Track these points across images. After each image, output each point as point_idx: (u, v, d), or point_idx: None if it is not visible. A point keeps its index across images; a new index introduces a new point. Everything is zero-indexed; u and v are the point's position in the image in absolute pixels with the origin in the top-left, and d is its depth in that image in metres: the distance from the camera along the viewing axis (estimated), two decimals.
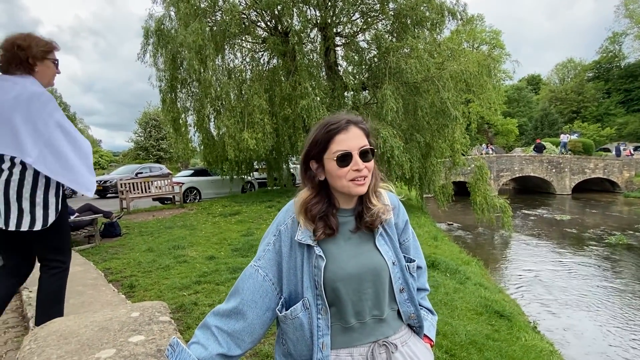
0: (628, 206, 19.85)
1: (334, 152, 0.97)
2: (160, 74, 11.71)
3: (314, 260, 0.98)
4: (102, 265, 5.11)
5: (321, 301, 0.97)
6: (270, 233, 1.05)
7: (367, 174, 0.99)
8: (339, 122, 0.99)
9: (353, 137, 0.98)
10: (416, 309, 1.07)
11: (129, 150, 39.55)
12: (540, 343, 3.70)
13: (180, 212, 10.57)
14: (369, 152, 1.00)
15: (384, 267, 1.02)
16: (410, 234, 1.16)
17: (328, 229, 0.99)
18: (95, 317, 1.47)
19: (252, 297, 0.99)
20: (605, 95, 55.80)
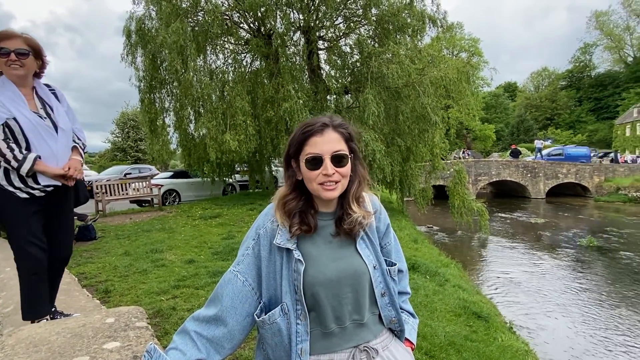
0: (598, 210, 20.67)
1: (307, 154, 0.97)
2: (140, 74, 11.49)
3: (293, 265, 0.97)
4: (75, 270, 4.93)
5: (300, 306, 0.96)
6: (250, 237, 1.04)
7: (339, 179, 0.98)
8: (314, 125, 0.99)
9: (328, 140, 0.97)
10: (397, 313, 1.07)
11: (105, 151, 38.45)
12: (516, 343, 3.80)
13: (159, 214, 10.33)
14: (343, 157, 0.98)
15: (365, 271, 1.01)
16: (391, 238, 1.16)
17: (304, 225, 0.99)
18: (67, 324, 1.42)
19: (231, 303, 0.97)
20: (577, 103, 58.13)
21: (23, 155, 1.95)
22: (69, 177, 2.09)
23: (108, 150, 37.55)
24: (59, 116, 2.14)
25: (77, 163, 2.15)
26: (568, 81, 62.16)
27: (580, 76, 61.00)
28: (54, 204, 2.18)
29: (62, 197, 2.19)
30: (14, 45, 1.98)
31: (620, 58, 56.29)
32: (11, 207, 2.05)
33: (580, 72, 61.07)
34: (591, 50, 59.88)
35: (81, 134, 2.31)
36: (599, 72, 58.86)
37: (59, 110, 2.17)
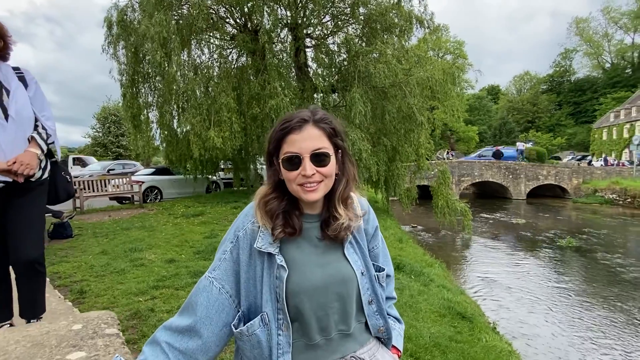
0: (576, 211, 21.24)
1: (285, 152, 0.90)
2: (122, 68, 11.16)
3: (275, 271, 0.89)
4: (49, 270, 4.71)
5: (282, 316, 0.89)
6: (227, 239, 0.95)
7: (321, 179, 0.90)
8: (292, 120, 0.91)
9: (307, 137, 0.89)
10: (385, 321, 1.01)
11: (85, 147, 37.41)
12: (500, 343, 3.81)
13: (140, 212, 10.06)
14: (325, 155, 0.90)
15: (352, 277, 0.95)
16: (379, 241, 1.10)
17: (288, 227, 0.91)
18: (30, 331, 1.30)
19: (206, 313, 0.88)
20: (557, 107, 59.75)
21: None
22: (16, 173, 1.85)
23: (88, 145, 36.56)
24: (12, 102, 1.92)
25: (27, 157, 1.91)
26: (549, 85, 63.82)
27: (560, 81, 62.70)
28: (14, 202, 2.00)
29: (24, 194, 2.01)
30: None
31: (598, 64, 58.11)
32: None
33: (561, 76, 62.78)
34: (571, 55, 61.67)
35: (49, 123, 2.09)
36: (578, 77, 60.70)
37: (16, 95, 1.94)
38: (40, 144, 2.00)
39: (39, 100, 2.08)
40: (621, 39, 56.00)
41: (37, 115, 2.05)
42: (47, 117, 2.10)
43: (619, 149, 41.15)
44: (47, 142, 2.05)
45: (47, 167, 2.14)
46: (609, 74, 54.95)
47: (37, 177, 2.05)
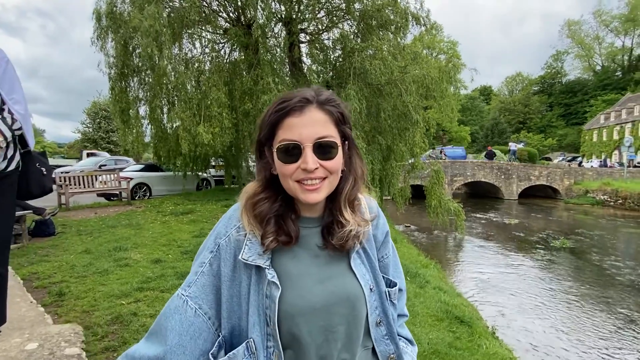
0: (567, 211, 21.37)
1: (280, 140, 0.72)
2: (111, 61, 10.83)
3: (265, 288, 0.72)
4: (27, 270, 4.48)
5: (273, 343, 0.71)
6: (206, 249, 0.77)
7: (325, 175, 0.73)
8: (290, 100, 0.72)
9: (309, 122, 0.71)
10: (397, 347, 0.84)
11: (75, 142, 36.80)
12: (501, 350, 3.66)
13: (127, 209, 9.77)
14: (331, 145, 0.72)
15: (360, 295, 0.78)
16: (390, 249, 0.92)
17: (282, 234, 0.74)
18: None
19: (178, 341, 0.70)
20: (548, 108, 60.43)
21: None
22: None
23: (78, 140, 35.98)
24: None
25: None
26: (540, 87, 64.47)
27: (551, 82, 63.37)
28: None
29: None
30: None
31: (589, 66, 58.85)
32: None
33: (552, 78, 63.44)
34: (563, 57, 62.39)
35: (17, 107, 1.85)
36: (569, 79, 61.46)
37: None
38: (3, 130, 1.77)
39: (7, 81, 1.84)
40: (612, 42, 56.87)
41: (4, 97, 1.82)
42: (15, 101, 1.86)
43: (609, 151, 41.68)
44: (12, 128, 1.81)
45: (14, 157, 1.90)
46: (600, 77, 55.68)
47: (1, 168, 1.82)
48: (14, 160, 1.89)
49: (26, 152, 1.99)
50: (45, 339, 1.15)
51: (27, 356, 1.06)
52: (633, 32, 53.51)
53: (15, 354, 1.08)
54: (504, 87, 68.98)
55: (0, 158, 1.79)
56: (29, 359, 1.05)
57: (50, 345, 1.12)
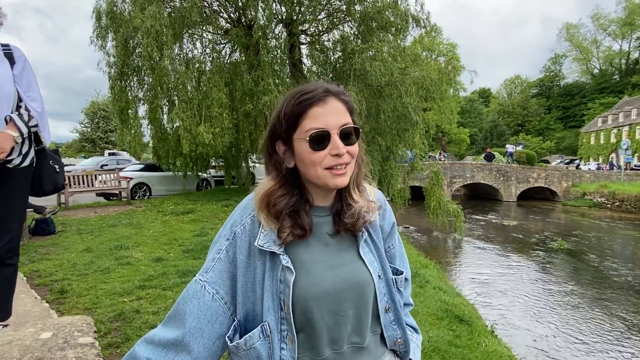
0: (565, 213, 21.46)
1: (307, 130, 0.75)
2: (111, 60, 10.83)
3: (279, 274, 0.76)
4: (28, 267, 4.49)
5: (287, 326, 0.75)
6: (223, 237, 0.80)
7: (349, 160, 0.78)
8: (314, 91, 0.76)
9: (333, 111, 0.76)
10: (404, 332, 0.88)
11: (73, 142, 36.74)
12: (499, 348, 3.70)
13: (127, 209, 9.77)
14: (353, 132, 0.78)
15: (369, 281, 0.81)
16: (396, 240, 0.96)
17: (298, 228, 0.77)
18: None
19: (197, 324, 0.73)
20: (546, 111, 60.64)
21: None
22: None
23: (76, 140, 35.93)
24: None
25: (1, 138, 1.72)
26: (539, 89, 64.74)
27: (550, 85, 63.65)
28: None
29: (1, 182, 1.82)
30: None
31: (587, 69, 59.14)
32: None
33: (551, 81, 63.73)
34: (561, 60, 62.67)
35: (34, 105, 1.89)
36: (567, 82, 61.72)
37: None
38: (20, 126, 1.80)
39: (25, 79, 1.89)
40: (609, 45, 57.15)
41: (22, 95, 1.86)
42: (32, 99, 1.90)
43: (606, 154, 41.85)
44: (28, 124, 1.84)
45: (29, 153, 1.94)
46: (597, 80, 55.97)
47: (15, 163, 1.85)
48: (28, 156, 1.92)
49: (40, 150, 2.02)
50: (58, 329, 1.17)
51: (42, 344, 1.08)
52: (630, 36, 53.85)
53: (30, 343, 1.10)
54: (503, 90, 69.26)
55: (15, 153, 1.82)
56: (44, 346, 1.07)
57: (64, 335, 1.14)
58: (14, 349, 1.07)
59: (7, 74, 1.80)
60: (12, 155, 1.80)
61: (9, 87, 1.79)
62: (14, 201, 1.87)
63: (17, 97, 1.84)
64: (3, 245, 1.77)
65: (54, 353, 1.06)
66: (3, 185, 1.82)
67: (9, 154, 1.77)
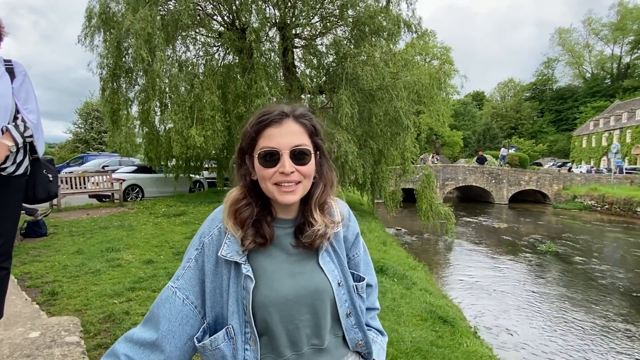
0: (556, 216, 21.72)
1: (260, 148, 0.83)
2: (102, 61, 10.84)
3: (242, 281, 0.83)
4: (19, 269, 4.53)
5: (250, 329, 0.82)
6: (193, 246, 0.88)
7: (300, 179, 0.84)
8: (270, 113, 0.84)
9: (286, 132, 0.83)
10: (364, 335, 0.95)
11: (66, 142, 36.39)
12: (481, 348, 3.81)
13: (119, 211, 9.80)
14: (306, 153, 0.83)
15: (327, 288, 0.88)
16: (361, 248, 1.02)
17: (259, 237, 0.84)
18: None
19: (169, 327, 0.81)
20: (539, 114, 61.22)
21: None
22: None
23: (69, 141, 35.57)
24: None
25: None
26: (532, 93, 65.38)
27: (543, 89, 64.31)
28: None
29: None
30: None
31: (579, 73, 59.87)
32: None
33: (543, 84, 64.40)
34: (553, 64, 63.38)
35: (30, 117, 1.99)
36: (560, 85, 62.40)
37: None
38: (15, 136, 1.90)
39: (24, 93, 2.00)
40: (601, 49, 57.91)
41: (20, 107, 1.97)
42: (29, 110, 2.01)
43: (598, 157, 42.41)
44: (23, 135, 1.94)
45: (23, 162, 2.03)
46: (589, 84, 56.69)
47: (9, 171, 1.94)
48: (22, 165, 2.01)
49: (35, 159, 2.11)
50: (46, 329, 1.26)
51: (31, 343, 1.17)
52: (622, 41, 54.60)
53: (19, 341, 1.18)
54: (496, 93, 69.85)
55: (9, 162, 1.90)
56: (33, 345, 1.16)
57: (52, 334, 1.22)
58: (4, 347, 1.16)
59: (7, 87, 1.90)
60: (6, 163, 1.89)
61: (7, 100, 1.89)
62: (6, 207, 1.96)
63: (14, 109, 1.94)
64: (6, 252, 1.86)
65: (42, 351, 1.15)
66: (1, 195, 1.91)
67: (3, 162, 1.85)
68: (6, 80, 1.92)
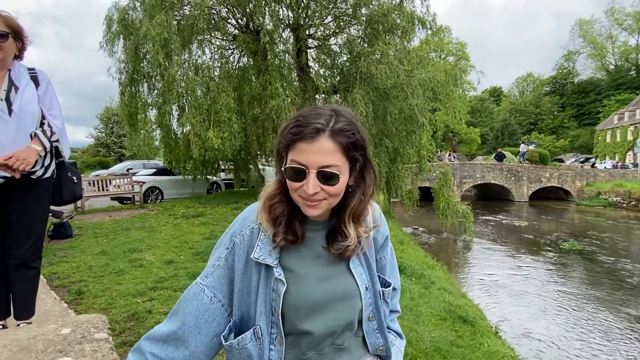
0: (579, 214, 21.10)
1: (290, 159, 0.80)
2: (121, 66, 11.15)
3: (272, 283, 0.83)
4: (47, 270, 4.71)
5: (276, 330, 0.83)
6: (223, 245, 0.88)
7: (325, 197, 0.80)
8: (306, 127, 0.77)
9: (318, 150, 0.77)
10: (385, 340, 0.94)
11: (88, 147, 37.51)
12: (502, 349, 3.75)
13: (140, 212, 10.04)
14: (333, 176, 0.78)
15: (355, 293, 0.87)
16: (388, 251, 1.01)
17: (291, 234, 0.83)
18: (17, 335, 1.27)
19: (195, 323, 0.83)
20: (560, 109, 59.49)
21: None
22: (12, 168, 1.85)
23: (91, 145, 36.66)
24: (17, 97, 1.93)
25: (26, 153, 1.90)
26: (552, 87, 63.60)
27: (563, 82, 62.47)
28: (15, 199, 1.99)
29: (25, 191, 2.00)
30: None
31: (602, 66, 57.88)
32: None
33: (564, 78, 62.54)
34: (574, 57, 61.44)
35: (56, 122, 2.09)
36: (581, 79, 60.45)
37: (24, 92, 1.96)
38: (43, 141, 1.99)
39: (48, 99, 2.09)
40: (625, 40, 55.77)
41: (45, 113, 2.06)
42: (54, 116, 2.10)
43: (623, 152, 40.94)
44: (50, 139, 2.04)
45: (50, 166, 2.12)
46: (613, 76, 54.72)
47: (38, 175, 2.03)
48: (49, 168, 2.10)
49: (60, 162, 2.21)
50: (76, 326, 1.32)
51: (63, 339, 1.22)
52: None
53: (52, 337, 1.24)
54: (515, 88, 68.28)
55: (38, 165, 2.00)
56: (65, 341, 1.22)
57: (82, 331, 1.28)
58: (38, 343, 1.22)
59: (33, 94, 2.00)
60: (35, 167, 1.98)
61: (34, 107, 1.99)
62: (37, 209, 2.05)
63: (40, 115, 2.03)
64: (28, 248, 1.96)
65: (73, 346, 1.20)
66: (28, 195, 2.01)
67: (33, 166, 1.94)
68: (32, 88, 2.01)
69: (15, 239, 1.98)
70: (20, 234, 1.98)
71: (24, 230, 1.99)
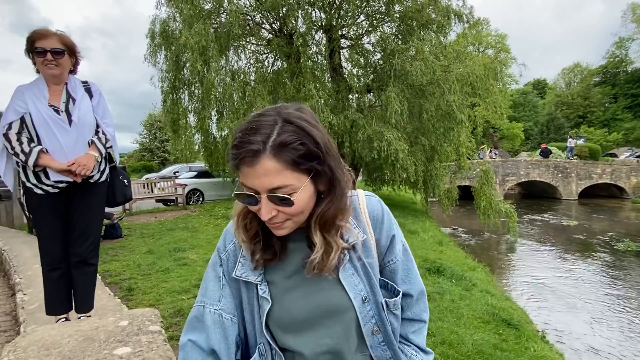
0: (636, 212, 19.56)
1: (241, 182, 0.69)
2: (163, 75, 11.73)
3: (259, 300, 0.78)
4: (101, 268, 5.04)
5: (276, 347, 0.78)
6: (216, 264, 0.82)
7: (286, 218, 0.70)
8: (242, 148, 0.65)
9: (262, 173, 0.65)
10: (394, 352, 0.82)
11: (133, 152, 39.67)
12: (550, 354, 3.57)
13: (183, 213, 10.50)
14: (285, 198, 0.66)
15: (348, 307, 0.77)
16: (398, 253, 0.85)
17: (269, 252, 0.76)
18: (81, 326, 1.39)
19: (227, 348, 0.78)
20: (612, 100, 55.43)
21: (30, 148, 1.96)
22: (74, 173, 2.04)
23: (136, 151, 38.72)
24: (76, 109, 2.11)
25: (85, 159, 2.08)
26: (602, 77, 59.30)
27: (615, 72, 58.08)
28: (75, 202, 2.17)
29: (84, 194, 2.18)
30: (50, 44, 2.01)
31: None
32: (33, 204, 2.09)
33: (616, 67, 58.14)
34: (627, 44, 56.85)
35: (109, 130, 2.27)
36: (636, 67, 55.84)
37: (81, 104, 2.14)
38: (99, 148, 2.18)
39: (101, 109, 2.28)
40: None
41: (99, 122, 2.25)
42: (107, 124, 2.29)
43: None
44: (105, 146, 2.22)
45: (105, 170, 2.30)
46: None
47: (95, 179, 2.21)
48: (104, 172, 2.30)
49: (112, 167, 2.41)
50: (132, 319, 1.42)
51: (122, 330, 1.33)
52: None
53: (112, 329, 1.35)
54: (560, 80, 64.38)
55: (95, 170, 2.17)
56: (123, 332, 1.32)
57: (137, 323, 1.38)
58: (100, 333, 1.33)
59: (88, 105, 2.20)
60: (93, 172, 2.15)
61: (90, 117, 2.19)
62: (95, 210, 2.24)
63: (95, 124, 2.22)
64: (87, 246, 2.14)
65: (131, 337, 1.30)
66: (86, 198, 2.19)
67: (92, 171, 2.11)
68: (87, 100, 2.21)
69: (76, 238, 2.16)
70: (80, 234, 2.16)
71: (84, 230, 2.17)
